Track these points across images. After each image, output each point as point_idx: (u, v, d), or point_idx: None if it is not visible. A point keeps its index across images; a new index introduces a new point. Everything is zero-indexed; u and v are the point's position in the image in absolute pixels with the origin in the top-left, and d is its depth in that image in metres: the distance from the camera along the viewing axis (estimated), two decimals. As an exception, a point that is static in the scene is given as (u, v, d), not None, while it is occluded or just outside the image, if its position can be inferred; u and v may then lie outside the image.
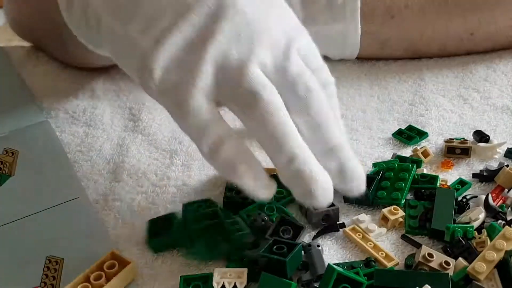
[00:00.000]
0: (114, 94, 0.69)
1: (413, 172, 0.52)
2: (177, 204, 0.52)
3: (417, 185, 0.52)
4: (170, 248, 0.47)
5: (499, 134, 0.60)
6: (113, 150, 0.59)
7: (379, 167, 0.53)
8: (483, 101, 0.66)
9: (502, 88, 0.68)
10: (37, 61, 0.75)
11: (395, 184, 0.51)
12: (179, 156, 0.58)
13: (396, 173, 0.52)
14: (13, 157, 0.57)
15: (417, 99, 0.66)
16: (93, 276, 0.43)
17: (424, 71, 0.71)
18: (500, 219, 0.48)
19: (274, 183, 0.44)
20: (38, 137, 0.60)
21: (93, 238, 0.49)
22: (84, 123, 0.63)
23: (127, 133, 0.62)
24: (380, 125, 0.62)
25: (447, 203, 0.48)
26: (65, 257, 0.47)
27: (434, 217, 0.47)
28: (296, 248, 0.42)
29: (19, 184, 0.54)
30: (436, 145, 0.59)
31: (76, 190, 0.53)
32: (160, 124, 0.63)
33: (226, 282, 0.42)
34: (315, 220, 0.48)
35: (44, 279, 0.45)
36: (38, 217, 0.51)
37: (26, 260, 0.47)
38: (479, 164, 0.56)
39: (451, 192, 0.49)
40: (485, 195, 0.49)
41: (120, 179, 0.55)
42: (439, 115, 0.63)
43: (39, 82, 0.71)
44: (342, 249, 0.47)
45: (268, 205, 0.50)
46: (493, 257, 0.42)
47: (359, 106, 0.66)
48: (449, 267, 0.42)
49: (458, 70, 0.71)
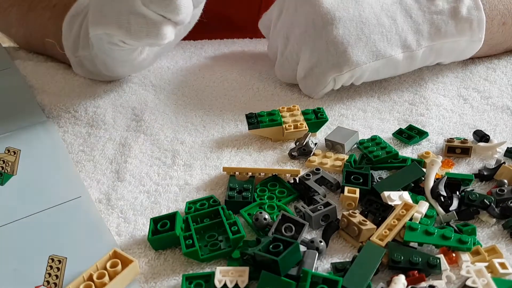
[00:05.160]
0: (117, 94, 0.69)
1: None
2: (179, 203, 0.52)
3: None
4: (172, 246, 0.48)
5: (499, 134, 0.60)
6: (115, 149, 0.60)
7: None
8: (483, 101, 0.66)
9: (502, 87, 0.68)
10: (39, 61, 0.76)
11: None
12: (181, 155, 0.59)
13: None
14: (15, 156, 0.58)
15: (418, 99, 0.66)
16: (95, 275, 0.43)
17: (424, 71, 0.71)
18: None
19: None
20: (40, 137, 0.61)
21: (96, 237, 0.49)
22: (86, 123, 0.64)
23: (130, 133, 0.62)
24: (380, 124, 0.63)
25: (370, 262, 0.43)
26: (67, 256, 0.47)
27: (349, 273, 0.42)
28: (291, 247, 0.43)
29: (21, 183, 0.55)
30: (437, 144, 0.59)
31: (78, 189, 0.54)
32: (162, 124, 0.64)
33: (227, 280, 0.43)
34: (315, 221, 0.48)
35: (47, 278, 0.45)
36: (41, 216, 0.51)
37: (29, 259, 0.47)
38: (479, 163, 0.56)
39: (380, 250, 0.44)
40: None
41: (123, 179, 0.56)
42: (440, 114, 0.64)
43: (41, 82, 0.71)
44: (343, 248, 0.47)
45: (269, 203, 0.51)
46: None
47: (359, 106, 0.66)
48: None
49: (458, 70, 0.72)
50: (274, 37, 0.68)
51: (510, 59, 0.74)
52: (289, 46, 0.65)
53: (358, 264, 0.43)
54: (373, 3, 0.63)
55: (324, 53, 0.62)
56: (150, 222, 0.48)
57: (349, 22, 0.62)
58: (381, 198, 0.50)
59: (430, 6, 0.64)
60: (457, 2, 0.65)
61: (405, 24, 0.63)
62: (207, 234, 0.48)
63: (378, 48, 0.62)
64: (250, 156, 0.58)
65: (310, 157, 0.57)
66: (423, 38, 0.64)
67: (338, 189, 0.53)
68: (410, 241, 0.45)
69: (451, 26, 0.64)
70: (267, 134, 0.60)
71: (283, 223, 0.46)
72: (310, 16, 0.62)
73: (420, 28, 0.64)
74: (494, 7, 0.68)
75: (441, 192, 0.50)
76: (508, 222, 0.48)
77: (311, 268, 0.43)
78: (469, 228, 0.47)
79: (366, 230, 0.46)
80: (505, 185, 0.51)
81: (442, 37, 0.65)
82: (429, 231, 0.45)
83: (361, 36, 0.62)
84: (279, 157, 0.58)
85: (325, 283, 0.41)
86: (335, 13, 0.61)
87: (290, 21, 0.65)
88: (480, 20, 0.65)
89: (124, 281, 0.44)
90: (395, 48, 0.63)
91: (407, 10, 0.64)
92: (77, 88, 0.69)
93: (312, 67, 0.64)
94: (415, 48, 0.64)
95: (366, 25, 0.62)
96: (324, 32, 0.61)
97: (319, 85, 0.64)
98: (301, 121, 0.60)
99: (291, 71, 0.67)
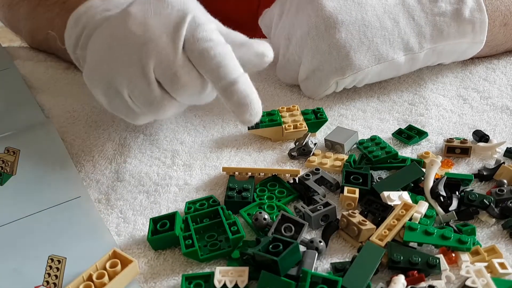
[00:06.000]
0: (116, 94, 0.69)
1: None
2: (178, 203, 0.52)
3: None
4: (172, 246, 0.48)
5: (498, 134, 0.60)
6: (115, 149, 0.60)
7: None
8: (482, 101, 0.66)
9: (502, 88, 0.68)
10: (38, 60, 0.75)
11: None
12: (180, 155, 0.59)
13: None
14: (15, 156, 0.58)
15: (417, 99, 0.66)
16: (95, 275, 0.43)
17: (424, 71, 0.71)
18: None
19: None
20: (39, 137, 0.60)
21: (95, 237, 0.49)
22: (86, 123, 0.64)
23: (129, 133, 0.62)
24: (380, 124, 0.63)
25: (370, 262, 0.43)
26: (67, 256, 0.47)
27: (348, 273, 0.43)
28: (291, 247, 0.43)
29: (20, 183, 0.55)
30: (436, 144, 0.59)
31: (78, 189, 0.54)
32: (161, 124, 0.64)
33: (227, 280, 0.43)
34: (314, 221, 0.48)
35: (46, 278, 0.45)
36: (40, 216, 0.51)
37: (28, 259, 0.47)
38: (479, 163, 0.56)
39: (380, 250, 0.44)
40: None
41: (122, 179, 0.56)
42: (439, 114, 0.64)
43: (41, 81, 0.71)
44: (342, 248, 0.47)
45: (268, 203, 0.51)
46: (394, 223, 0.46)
47: (359, 106, 0.66)
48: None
49: (458, 70, 0.72)
50: (276, 38, 0.68)
51: (509, 59, 0.74)
52: (290, 48, 0.65)
53: (357, 264, 0.43)
54: (376, 5, 0.63)
55: (326, 57, 0.62)
56: (150, 222, 0.48)
57: (352, 25, 0.61)
58: (381, 198, 0.50)
59: (433, 8, 0.64)
60: (459, 3, 0.65)
61: (408, 27, 0.63)
62: (207, 234, 0.48)
63: (381, 52, 0.62)
64: (249, 156, 0.58)
65: (310, 157, 0.57)
66: (425, 41, 0.64)
67: (337, 189, 0.53)
68: (409, 241, 0.45)
69: (453, 28, 0.64)
70: (267, 134, 0.60)
71: (283, 223, 0.46)
72: (312, 19, 0.62)
73: (423, 31, 0.63)
74: (496, 8, 0.68)
75: (440, 192, 0.50)
76: (507, 222, 0.48)
77: (311, 268, 0.43)
78: (468, 228, 0.47)
79: (365, 230, 0.46)
80: (504, 185, 0.51)
81: (444, 39, 0.64)
82: (429, 231, 0.45)
83: (364, 39, 0.62)
84: (279, 157, 0.58)
85: (324, 283, 0.41)
86: (337, 16, 0.61)
87: (292, 22, 0.64)
88: (482, 22, 0.65)
89: (123, 281, 0.44)
90: (398, 51, 0.63)
91: (410, 11, 0.63)
92: (77, 88, 0.69)
93: (314, 70, 0.64)
94: (417, 50, 0.63)
95: (369, 28, 0.62)
96: (327, 35, 0.61)
97: (321, 87, 0.64)
98: (301, 121, 0.60)
99: (292, 73, 0.67)
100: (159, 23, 0.50)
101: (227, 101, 0.49)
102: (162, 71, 0.49)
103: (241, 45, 0.52)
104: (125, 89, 0.51)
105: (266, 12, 0.71)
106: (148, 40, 0.49)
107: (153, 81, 0.50)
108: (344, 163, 0.55)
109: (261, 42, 0.53)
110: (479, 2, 0.65)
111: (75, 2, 0.65)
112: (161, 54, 0.49)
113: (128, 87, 0.51)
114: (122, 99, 0.52)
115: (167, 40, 0.49)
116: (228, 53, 0.49)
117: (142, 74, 0.50)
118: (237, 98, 0.48)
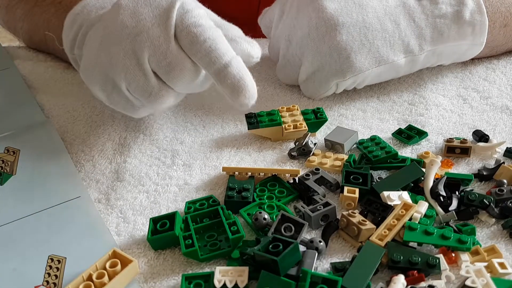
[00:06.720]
0: (115, 94, 0.69)
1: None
2: (178, 203, 0.52)
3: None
4: (172, 246, 0.48)
5: (498, 134, 0.60)
6: (115, 149, 0.60)
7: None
8: (482, 101, 0.66)
9: (502, 87, 0.68)
10: (38, 60, 0.76)
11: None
12: (180, 155, 0.59)
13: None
14: (15, 156, 0.58)
15: (417, 99, 0.67)
16: (95, 275, 0.43)
17: (424, 71, 0.71)
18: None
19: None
20: (39, 136, 0.60)
21: (95, 236, 0.49)
22: (85, 123, 0.64)
23: (129, 133, 0.62)
24: (379, 124, 0.63)
25: (370, 262, 0.43)
26: (67, 255, 0.47)
27: (348, 273, 0.42)
28: (290, 247, 0.43)
29: (20, 183, 0.55)
30: (436, 144, 0.59)
31: (78, 189, 0.54)
32: (161, 124, 0.64)
33: (227, 280, 0.43)
34: (314, 221, 0.48)
35: (46, 278, 0.45)
36: (40, 216, 0.51)
37: (28, 259, 0.47)
38: (479, 163, 0.56)
39: (379, 250, 0.44)
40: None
41: (122, 179, 0.56)
42: (439, 114, 0.64)
43: (41, 81, 0.71)
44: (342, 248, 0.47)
45: (268, 202, 0.51)
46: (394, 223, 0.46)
47: (359, 106, 0.66)
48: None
49: (458, 70, 0.72)
50: (276, 39, 0.68)
51: (509, 59, 0.74)
52: (291, 49, 0.65)
53: (357, 264, 0.43)
54: (377, 7, 0.63)
55: (327, 59, 0.62)
56: (150, 222, 0.48)
57: (353, 27, 0.61)
58: (381, 198, 0.50)
59: (433, 10, 0.64)
60: (460, 5, 0.65)
61: (408, 29, 0.63)
62: (207, 234, 0.48)
63: (381, 54, 0.62)
64: (249, 156, 0.58)
65: (310, 157, 0.57)
66: (426, 43, 0.64)
67: (337, 189, 0.53)
68: (409, 241, 0.45)
69: (453, 30, 0.64)
70: (267, 134, 0.60)
71: (283, 223, 0.46)
72: (313, 20, 0.62)
73: (423, 33, 0.63)
74: (496, 10, 0.68)
75: (440, 192, 0.50)
76: (507, 222, 0.48)
77: (311, 268, 0.43)
78: (468, 228, 0.47)
79: (365, 230, 0.46)
80: (504, 185, 0.51)
81: (444, 41, 0.64)
82: (429, 231, 0.45)
83: (365, 41, 0.61)
84: (279, 157, 0.58)
85: (324, 283, 0.41)
86: (338, 18, 0.61)
87: (292, 23, 0.64)
88: (482, 25, 0.65)
89: (123, 281, 0.44)
90: (398, 53, 0.63)
91: (410, 13, 0.63)
92: (77, 88, 0.69)
93: (315, 71, 0.64)
94: (417, 52, 0.63)
95: (370, 31, 0.62)
96: (327, 37, 0.61)
97: (321, 89, 0.64)
98: (301, 121, 0.60)
99: (292, 74, 0.67)
100: (150, 12, 0.50)
101: (221, 85, 0.49)
102: (156, 62, 0.50)
103: (231, 40, 0.52)
104: (122, 82, 0.51)
105: (266, 11, 0.71)
106: (140, 31, 0.50)
107: (149, 72, 0.50)
108: (344, 163, 0.55)
109: (251, 42, 0.53)
110: (479, 4, 0.65)
111: (70, 1, 0.65)
112: (154, 45, 0.50)
113: (125, 80, 0.51)
114: (120, 93, 0.52)
115: (158, 30, 0.50)
116: (219, 37, 0.50)
117: (137, 66, 0.50)
118: (231, 82, 0.48)
